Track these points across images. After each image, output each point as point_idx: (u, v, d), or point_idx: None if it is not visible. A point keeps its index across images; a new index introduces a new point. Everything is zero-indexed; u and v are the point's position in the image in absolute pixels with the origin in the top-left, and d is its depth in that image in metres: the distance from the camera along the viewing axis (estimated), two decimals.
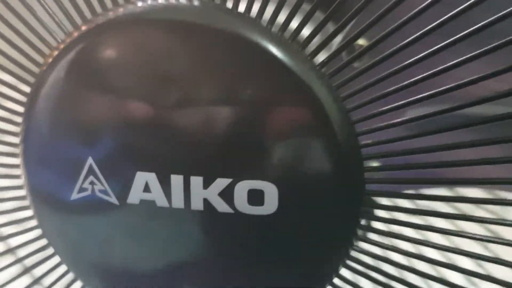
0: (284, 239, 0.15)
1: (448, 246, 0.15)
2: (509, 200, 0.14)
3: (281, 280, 0.15)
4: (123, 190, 0.15)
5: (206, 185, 0.14)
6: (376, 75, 0.13)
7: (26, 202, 0.17)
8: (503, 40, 0.11)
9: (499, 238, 0.14)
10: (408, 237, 0.15)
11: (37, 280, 0.18)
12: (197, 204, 0.14)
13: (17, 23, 0.16)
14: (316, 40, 0.14)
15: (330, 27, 0.14)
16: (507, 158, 0.13)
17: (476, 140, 0.13)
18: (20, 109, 0.17)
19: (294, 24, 0.14)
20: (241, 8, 0.14)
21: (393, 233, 0.15)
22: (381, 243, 0.15)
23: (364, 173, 0.14)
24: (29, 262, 0.18)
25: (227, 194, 0.14)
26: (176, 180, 0.14)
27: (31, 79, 0.16)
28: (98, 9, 0.15)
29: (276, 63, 0.14)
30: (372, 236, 0.15)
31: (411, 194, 0.16)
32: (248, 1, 0.14)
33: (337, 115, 0.14)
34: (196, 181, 0.14)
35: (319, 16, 0.14)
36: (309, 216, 0.14)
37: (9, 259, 0.19)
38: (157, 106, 0.14)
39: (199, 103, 0.14)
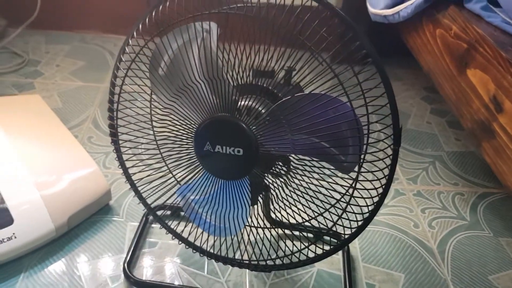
0: (243, 159, 0.75)
1: None
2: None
3: (240, 168, 0.77)
4: (213, 147, 0.76)
5: (230, 148, 0.75)
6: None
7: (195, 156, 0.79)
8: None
9: None
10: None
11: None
12: (227, 151, 0.75)
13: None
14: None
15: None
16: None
17: None
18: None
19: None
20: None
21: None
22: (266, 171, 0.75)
23: (259, 149, 0.74)
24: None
25: (234, 150, 0.74)
26: (224, 148, 0.75)
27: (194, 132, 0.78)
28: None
29: (242, 127, 0.74)
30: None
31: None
32: (239, 113, 0.74)
33: (253, 136, 0.73)
34: (228, 147, 0.75)
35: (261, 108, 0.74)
36: (248, 156, 0.75)
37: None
38: (217, 135, 0.75)
39: (227, 136, 0.75)
